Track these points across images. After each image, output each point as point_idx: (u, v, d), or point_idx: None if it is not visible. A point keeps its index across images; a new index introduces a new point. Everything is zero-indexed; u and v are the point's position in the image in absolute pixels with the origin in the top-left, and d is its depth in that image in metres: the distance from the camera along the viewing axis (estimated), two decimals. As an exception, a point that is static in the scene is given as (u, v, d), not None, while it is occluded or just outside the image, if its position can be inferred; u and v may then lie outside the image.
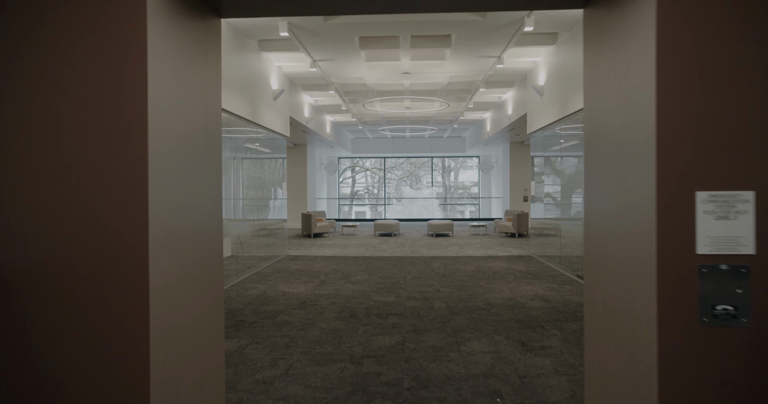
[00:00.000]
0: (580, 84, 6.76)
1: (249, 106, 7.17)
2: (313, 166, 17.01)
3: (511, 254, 9.36)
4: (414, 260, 8.65)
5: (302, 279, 6.87)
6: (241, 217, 7.87)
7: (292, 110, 10.30)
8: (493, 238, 12.34)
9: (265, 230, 8.76)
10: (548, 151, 8.27)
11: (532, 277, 6.85)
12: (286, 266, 8.04)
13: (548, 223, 8.49)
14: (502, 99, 11.85)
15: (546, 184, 8.70)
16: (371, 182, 29.40)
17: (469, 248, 10.35)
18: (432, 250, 10.04)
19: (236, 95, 6.68)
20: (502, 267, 7.72)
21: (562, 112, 7.14)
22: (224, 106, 6.23)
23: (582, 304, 5.11)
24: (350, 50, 7.68)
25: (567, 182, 7.49)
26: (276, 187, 9.05)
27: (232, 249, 9.35)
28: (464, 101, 12.03)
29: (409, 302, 5.40)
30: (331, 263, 8.34)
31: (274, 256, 8.95)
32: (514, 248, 10.28)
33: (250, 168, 8.05)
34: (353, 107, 12.95)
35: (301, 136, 13.62)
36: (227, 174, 6.81)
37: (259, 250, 8.89)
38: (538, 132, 8.56)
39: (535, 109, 8.62)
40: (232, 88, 6.52)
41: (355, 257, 9.09)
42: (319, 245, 11.07)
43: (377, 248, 10.49)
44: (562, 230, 7.70)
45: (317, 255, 9.32)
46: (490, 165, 19.43)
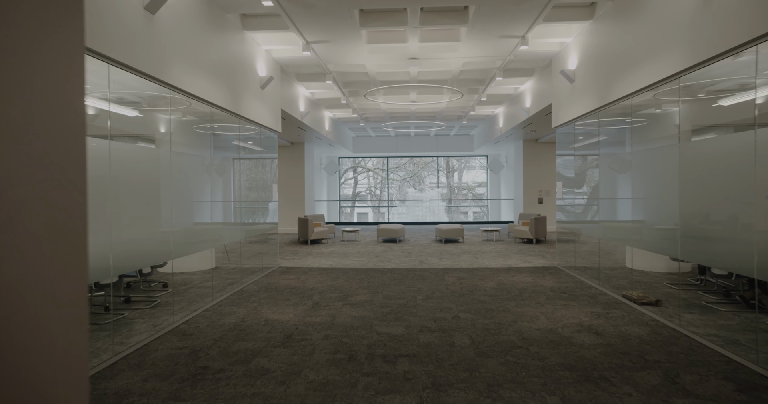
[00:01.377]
0: (626, 66, 5.68)
1: (229, 94, 6.05)
2: (311, 166, 15.91)
3: (534, 265, 8.21)
4: (423, 273, 7.52)
5: (292, 300, 5.74)
6: (225, 222, 6.76)
7: (285, 103, 9.19)
8: (508, 245, 11.19)
9: (255, 237, 7.65)
10: (581, 146, 7.13)
11: (567, 297, 5.71)
12: (276, 281, 6.92)
13: (578, 229, 7.34)
14: (518, 91, 10.71)
15: (574, 184, 7.56)
16: (374, 183, 28.32)
17: (485, 257, 9.21)
18: (443, 260, 8.90)
19: (213, 81, 5.56)
20: (527, 283, 6.58)
21: (600, 100, 6.00)
22: (197, 92, 5.12)
23: (650, 342, 3.96)
24: (349, 29, 6.56)
25: (608, 181, 6.34)
26: (266, 188, 7.94)
27: (216, 260, 8.25)
28: (476, 94, 10.89)
29: (422, 335, 4.26)
30: (328, 277, 7.21)
31: (264, 268, 7.83)
32: (534, 257, 9.14)
33: (234, 167, 6.94)
34: (354, 101, 11.83)
35: (297, 133, 12.51)
36: (205, 173, 5.71)
37: (248, 261, 7.79)
38: (566, 125, 7.41)
39: (562, 98, 7.47)
40: (207, 72, 5.40)
41: (356, 269, 7.96)
42: (316, 254, 9.95)
43: (381, 257, 9.36)
44: (598, 238, 6.55)
45: (313, 267, 8.19)
46: (500, 165, 18.29)
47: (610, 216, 6.24)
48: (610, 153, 6.26)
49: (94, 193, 3.64)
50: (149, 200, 4.49)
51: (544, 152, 14.69)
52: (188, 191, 5.32)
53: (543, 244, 11.22)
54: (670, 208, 4.56)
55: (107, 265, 3.71)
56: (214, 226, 6.08)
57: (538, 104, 9.51)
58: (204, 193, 5.75)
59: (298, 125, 11.10)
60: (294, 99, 9.90)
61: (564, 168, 7.81)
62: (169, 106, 4.64)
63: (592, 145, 6.70)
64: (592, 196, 6.84)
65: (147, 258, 4.50)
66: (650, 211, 5.12)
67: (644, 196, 5.23)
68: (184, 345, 4.04)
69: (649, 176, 5.11)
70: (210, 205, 5.98)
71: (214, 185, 5.98)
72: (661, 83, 4.62)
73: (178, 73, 4.68)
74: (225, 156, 6.56)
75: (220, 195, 6.29)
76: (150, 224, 4.48)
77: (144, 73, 4.12)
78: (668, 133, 4.76)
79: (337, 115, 14.11)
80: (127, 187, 4.09)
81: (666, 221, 4.72)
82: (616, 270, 7.01)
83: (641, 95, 5.08)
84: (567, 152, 7.74)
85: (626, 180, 5.55)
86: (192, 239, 5.35)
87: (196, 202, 5.57)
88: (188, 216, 5.35)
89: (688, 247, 4.27)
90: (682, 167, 4.32)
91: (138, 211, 4.31)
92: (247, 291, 6.28)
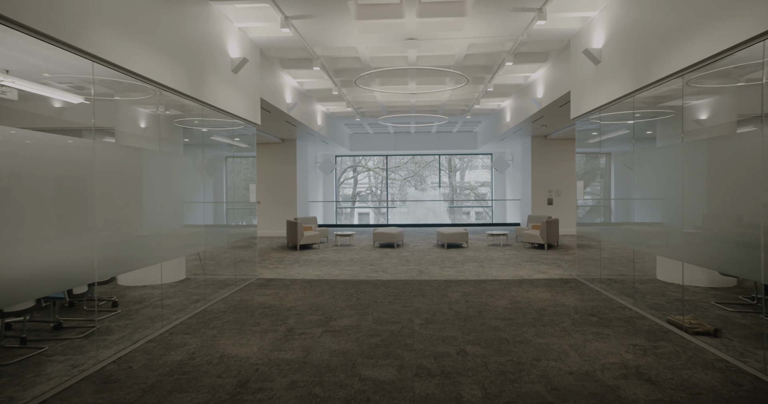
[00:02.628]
0: (672, 40, 4.39)
1: (187, 75, 5.03)
2: (304, 164, 14.89)
3: (549, 276, 7.17)
4: (423, 286, 6.48)
5: (262, 324, 4.71)
6: (190, 228, 5.73)
7: (268, 93, 8.16)
8: (517, 251, 10.14)
9: (225, 245, 6.63)
10: (609, 140, 6.08)
11: (598, 322, 4.67)
12: (249, 298, 5.89)
13: (603, 235, 6.30)
14: (529, 80, 9.66)
15: (599, 183, 6.52)
16: (374, 182, 27.30)
17: (492, 266, 8.17)
18: (445, 270, 7.86)
19: (163, 59, 4.54)
20: (546, 301, 5.54)
21: (635, 82, 4.95)
22: (138, 68, 4.10)
23: (730, 400, 2.91)
24: (336, 2, 5.53)
25: (645, 180, 5.28)
26: (242, 189, 6.91)
27: (190, 270, 7.25)
28: (482, 84, 9.85)
29: (419, 383, 3.23)
30: (312, 292, 6.19)
31: (240, 280, 6.81)
32: (548, 266, 8.09)
33: (200, 164, 5.92)
34: (347, 93, 10.80)
35: (285, 129, 11.49)
36: (156, 169, 4.70)
37: (224, 271, 6.79)
38: (588, 116, 6.37)
39: (584, 84, 6.43)
40: (155, 47, 4.38)
41: (346, 282, 6.93)
42: (304, 261, 8.92)
43: (376, 266, 8.33)
44: (629, 247, 5.51)
45: (296, 279, 7.16)
46: (506, 163, 17.26)
47: (646, 221, 5.20)
48: (651, 146, 5.21)
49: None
50: (71, 203, 3.47)
51: (555, 149, 13.64)
52: (132, 192, 4.30)
53: (556, 250, 10.17)
54: (751, 215, 3.51)
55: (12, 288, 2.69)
56: (173, 234, 5.06)
57: (552, 94, 8.46)
58: (155, 194, 4.73)
59: (286, 119, 10.08)
60: (279, 89, 8.88)
61: (585, 165, 6.76)
62: (91, 86, 3.62)
63: (623, 137, 5.66)
64: (623, 197, 5.79)
65: (66, 280, 3.48)
66: (715, 218, 4.07)
67: (698, 198, 4.19)
68: (98, 401, 3.01)
69: (713, 172, 4.06)
70: (166, 208, 4.96)
71: (169, 185, 4.96)
72: (735, 49, 3.57)
73: (108, 42, 3.66)
74: (184, 150, 5.54)
75: (182, 196, 5.27)
76: (71, 233, 3.45)
77: (50, 37, 3.10)
78: (735, 119, 3.72)
79: (331, 110, 13.08)
80: (40, 187, 3.07)
81: (737, 232, 3.67)
82: (646, 283, 5.96)
83: (697, 71, 4.03)
84: (589, 148, 6.70)
85: (672, 179, 4.50)
86: (137, 251, 4.33)
87: (146, 205, 4.55)
88: (132, 223, 4.33)
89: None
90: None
91: (54, 216, 3.29)
92: (212, 311, 5.26)
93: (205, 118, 5.68)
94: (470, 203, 25.89)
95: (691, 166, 4.17)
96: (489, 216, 23.90)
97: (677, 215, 4.38)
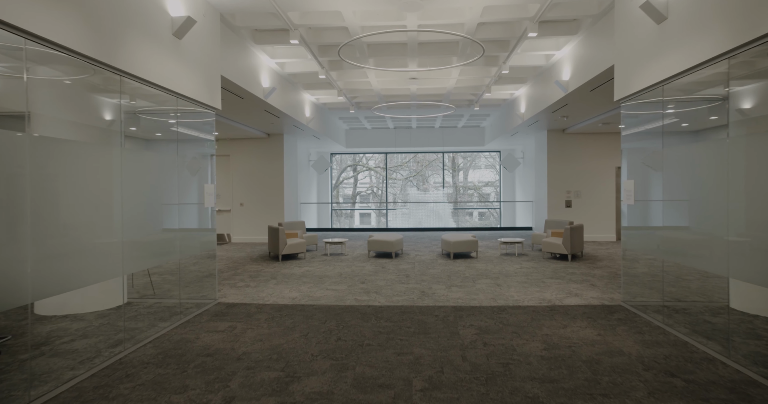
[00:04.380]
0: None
1: (91, 30, 3.54)
2: (294, 162, 13.40)
3: (586, 300, 5.66)
4: (426, 317, 4.98)
5: (191, 389, 3.22)
6: (113, 239, 4.24)
7: (238, 73, 6.68)
8: (536, 262, 8.63)
9: (170, 263, 5.14)
10: (679, 123, 4.54)
11: (686, 391, 3.15)
12: (191, 338, 4.40)
13: (663, 248, 4.77)
14: (552, 60, 8.14)
15: (664, 182, 4.98)
16: (375, 182, 25.82)
17: (510, 284, 6.66)
18: (453, 290, 6.36)
19: (60, 9, 3.05)
20: (595, 346, 4.03)
21: (736, 37, 3.44)
22: (25, 24, 2.61)
23: None
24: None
25: (753, 175, 3.74)
26: (194, 190, 5.41)
27: (137, 290, 5.78)
28: (495, 66, 8.34)
29: None
30: (279, 327, 4.69)
31: (192, 306, 5.33)
32: (580, 284, 6.58)
33: (124, 155, 4.41)
34: (337, 78, 9.30)
35: (267, 121, 10.00)
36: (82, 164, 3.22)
37: (180, 291, 5.32)
38: (646, 93, 4.84)
39: (638, 53, 4.90)
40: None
41: (327, 308, 5.43)
42: (283, 277, 7.43)
43: (368, 283, 6.83)
44: (717, 258, 4.00)
45: (265, 304, 5.66)
46: (516, 161, 15.74)
47: (744, 235, 3.67)
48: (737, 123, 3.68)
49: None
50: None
51: (574, 145, 12.12)
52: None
53: (582, 262, 8.65)
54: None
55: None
56: (92, 248, 3.57)
57: (582, 75, 6.95)
58: (61, 193, 3.24)
59: (265, 108, 8.59)
60: (253, 70, 7.38)
61: (635, 159, 5.23)
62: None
63: (705, 119, 4.14)
64: (708, 200, 4.25)
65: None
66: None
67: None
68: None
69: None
70: (87, 214, 3.48)
71: (83, 182, 3.47)
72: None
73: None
74: (95, 137, 4.04)
75: (106, 199, 3.78)
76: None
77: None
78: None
79: (321, 100, 11.59)
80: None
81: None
82: (719, 315, 4.45)
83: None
84: (642, 138, 5.17)
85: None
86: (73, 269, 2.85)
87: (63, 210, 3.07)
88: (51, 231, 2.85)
89: None
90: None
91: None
92: (131, 362, 3.77)
93: (126, 92, 4.18)
94: (476, 205, 24.37)
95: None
96: (494, 217, 22.39)
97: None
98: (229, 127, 10.51)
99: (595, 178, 12.09)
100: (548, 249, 9.09)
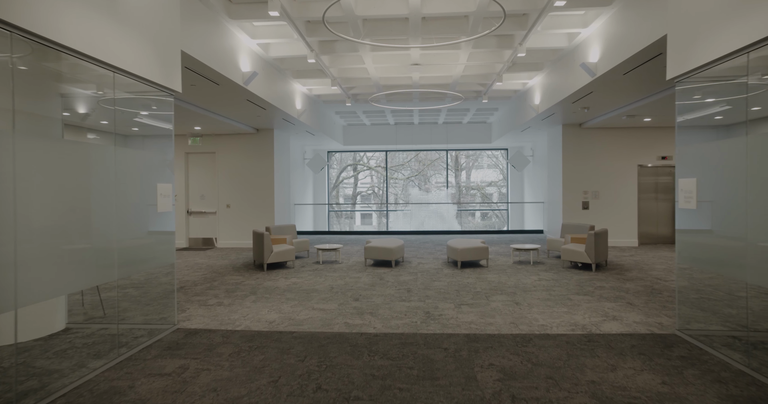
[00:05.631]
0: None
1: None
2: (285, 160, 12.35)
3: (630, 327, 4.59)
4: (432, 351, 3.93)
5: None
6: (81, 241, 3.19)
7: (210, 53, 5.63)
8: (556, 273, 7.56)
9: (101, 281, 4.10)
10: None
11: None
12: (122, 388, 3.35)
13: (744, 261, 3.70)
14: (575, 42, 7.07)
15: (742, 180, 3.91)
16: (377, 182, 24.77)
17: (532, 302, 5.60)
18: (463, 310, 5.30)
19: None
20: (664, 403, 2.98)
21: None
22: None
23: None
24: None
25: None
26: (142, 191, 4.35)
27: (78, 312, 4.76)
28: (510, 48, 7.28)
29: None
30: (244, 368, 3.64)
31: (142, 335, 4.29)
32: (615, 303, 5.52)
33: (42, 148, 3.36)
34: (329, 62, 8.25)
35: (253, 113, 8.94)
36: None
37: (138, 311, 4.32)
38: (721, 63, 3.77)
39: (707, 14, 3.84)
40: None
41: (309, 337, 4.38)
42: (264, 292, 6.38)
43: (362, 301, 5.78)
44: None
45: (234, 331, 4.61)
46: (525, 159, 14.67)
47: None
48: None
49: None
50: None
51: (592, 141, 11.05)
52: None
53: (608, 272, 7.58)
54: None
55: None
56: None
57: (616, 55, 5.89)
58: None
59: (247, 97, 7.54)
60: (229, 51, 6.34)
61: (704, 150, 4.16)
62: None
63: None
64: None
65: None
66: None
67: None
68: None
69: None
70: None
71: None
72: None
73: None
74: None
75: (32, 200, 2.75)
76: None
77: None
78: None
79: (315, 91, 10.54)
80: None
81: None
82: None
83: None
84: (717, 122, 4.11)
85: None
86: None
87: None
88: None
89: None
90: None
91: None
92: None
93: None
94: (482, 206, 23.29)
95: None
96: (497, 218, 21.33)
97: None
98: (213, 121, 9.47)
99: (615, 177, 11.02)
100: (569, 258, 8.02)
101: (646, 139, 10.95)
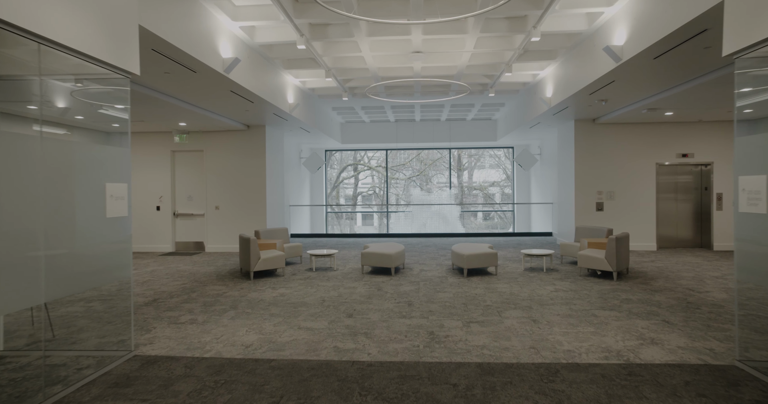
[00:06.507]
0: None
1: None
2: (278, 159, 11.60)
3: (674, 354, 3.84)
4: (438, 391, 3.18)
5: None
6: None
7: (181, 34, 4.89)
8: (574, 281, 6.81)
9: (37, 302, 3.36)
10: None
11: None
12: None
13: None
14: (596, 24, 6.31)
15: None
16: (378, 182, 24.01)
17: (552, 319, 4.85)
18: (473, 330, 4.54)
19: None
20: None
21: None
22: None
23: None
24: None
25: None
26: (82, 193, 3.61)
27: (20, 333, 4.04)
28: (522, 32, 6.53)
29: None
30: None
31: (96, 362, 3.55)
32: (650, 321, 4.76)
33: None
34: (323, 50, 7.50)
35: (241, 107, 8.20)
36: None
37: (91, 332, 3.59)
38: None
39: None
40: None
41: (290, 367, 3.63)
42: (246, 305, 5.63)
43: (356, 318, 5.03)
44: None
45: (201, 358, 3.86)
46: (532, 158, 13.91)
47: None
48: None
49: None
50: None
51: (606, 137, 10.29)
52: None
53: (630, 281, 6.82)
54: None
55: None
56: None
57: (646, 35, 5.13)
58: None
59: (230, 87, 6.80)
60: (206, 34, 5.60)
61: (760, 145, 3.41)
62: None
63: None
64: None
65: None
66: None
67: None
68: None
69: None
70: None
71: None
72: None
73: None
74: None
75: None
76: None
77: None
78: None
79: (308, 83, 9.79)
80: None
81: None
82: None
83: None
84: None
85: None
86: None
87: None
88: None
89: None
90: None
91: None
92: None
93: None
94: (487, 207, 22.51)
95: None
96: (501, 219, 20.56)
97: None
98: (200, 117, 8.73)
99: (631, 176, 10.26)
100: (586, 265, 7.25)
101: (665, 136, 10.19)
